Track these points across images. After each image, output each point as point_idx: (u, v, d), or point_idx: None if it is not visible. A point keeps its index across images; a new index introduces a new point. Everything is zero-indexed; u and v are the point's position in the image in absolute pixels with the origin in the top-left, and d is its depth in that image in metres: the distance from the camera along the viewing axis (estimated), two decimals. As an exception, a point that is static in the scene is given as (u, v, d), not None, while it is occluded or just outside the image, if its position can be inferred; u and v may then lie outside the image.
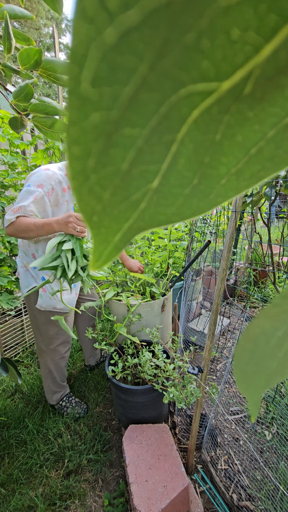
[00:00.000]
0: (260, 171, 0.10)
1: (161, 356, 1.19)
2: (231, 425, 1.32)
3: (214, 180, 0.10)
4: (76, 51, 0.07)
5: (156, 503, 0.87)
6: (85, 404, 1.47)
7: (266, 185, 1.46)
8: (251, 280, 2.52)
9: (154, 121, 0.08)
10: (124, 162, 0.09)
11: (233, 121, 0.09)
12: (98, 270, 0.11)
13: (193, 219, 1.10)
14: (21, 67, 0.64)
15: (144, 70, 0.07)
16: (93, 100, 0.07)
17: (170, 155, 0.09)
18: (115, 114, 0.08)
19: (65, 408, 1.44)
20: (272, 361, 0.14)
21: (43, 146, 2.60)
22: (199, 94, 0.08)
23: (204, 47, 0.07)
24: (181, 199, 0.11)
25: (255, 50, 0.08)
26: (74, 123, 0.08)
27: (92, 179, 0.09)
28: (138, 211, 0.10)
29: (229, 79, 0.08)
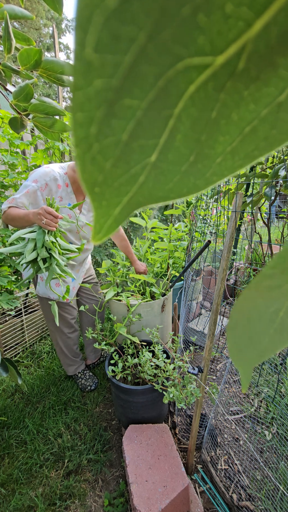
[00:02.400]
0: (254, 151, 0.11)
1: (161, 356, 1.19)
2: (231, 425, 1.32)
3: (210, 159, 0.11)
4: (81, 15, 0.07)
5: (156, 503, 0.86)
6: (96, 379, 1.66)
7: (266, 185, 1.46)
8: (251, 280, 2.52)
9: (153, 94, 0.09)
10: (124, 133, 0.09)
11: (228, 100, 0.09)
12: (99, 242, 0.12)
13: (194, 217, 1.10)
14: (21, 67, 0.64)
15: (142, 40, 0.08)
16: (96, 66, 0.08)
17: (167, 130, 0.10)
18: (116, 82, 0.08)
19: (80, 379, 1.64)
20: (264, 337, 0.14)
21: (43, 146, 2.60)
22: (195, 68, 0.09)
23: (200, 21, 0.08)
24: (178, 175, 0.11)
25: (247, 25, 0.08)
26: (78, 88, 0.08)
27: (95, 147, 0.09)
28: (137, 184, 0.11)
29: (223, 54, 0.09)
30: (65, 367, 1.63)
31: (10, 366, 1.00)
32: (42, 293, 1.38)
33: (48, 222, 0.93)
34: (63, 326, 1.50)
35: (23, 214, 1.04)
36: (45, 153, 2.00)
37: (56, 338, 1.53)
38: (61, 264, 0.91)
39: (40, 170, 1.21)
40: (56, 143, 1.98)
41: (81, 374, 1.65)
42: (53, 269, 0.90)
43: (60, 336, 1.52)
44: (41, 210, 0.94)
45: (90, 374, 1.67)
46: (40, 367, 1.82)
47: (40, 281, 1.36)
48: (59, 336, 1.52)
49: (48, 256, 0.91)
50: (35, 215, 0.96)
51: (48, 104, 0.71)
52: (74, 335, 1.57)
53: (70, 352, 1.58)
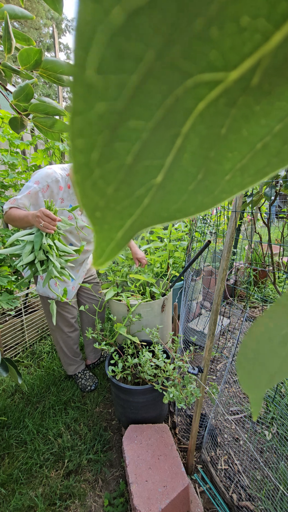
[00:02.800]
0: (266, 167, 0.10)
1: (161, 356, 1.18)
2: (231, 425, 1.32)
3: (218, 176, 0.10)
4: (81, 33, 0.06)
5: (156, 503, 0.86)
6: (96, 379, 1.66)
7: (266, 185, 1.46)
8: (251, 280, 2.52)
9: (160, 114, 0.08)
10: (129, 156, 0.09)
11: (239, 115, 0.09)
12: (101, 267, 0.11)
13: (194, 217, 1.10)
14: (21, 67, 0.64)
15: (151, 58, 0.07)
16: (98, 89, 0.07)
17: (174, 150, 0.09)
18: (121, 105, 0.08)
19: (80, 379, 1.63)
20: (275, 360, 0.14)
21: (43, 146, 2.60)
22: (205, 84, 0.08)
23: (213, 35, 0.07)
24: (185, 195, 0.10)
25: (264, 38, 0.07)
26: (78, 113, 0.07)
27: (96, 173, 0.09)
28: (141, 207, 0.10)
29: (237, 69, 0.08)
30: (65, 367, 1.63)
31: (10, 366, 1.00)
32: (42, 292, 1.39)
33: (46, 225, 0.93)
34: (63, 325, 1.51)
35: (23, 215, 1.04)
36: (45, 153, 2.00)
37: (56, 337, 1.54)
38: (58, 267, 0.91)
39: (42, 172, 1.21)
40: (56, 143, 1.98)
41: (81, 374, 1.65)
42: (50, 271, 0.91)
43: (60, 335, 1.53)
44: (40, 213, 0.94)
45: (90, 374, 1.67)
46: (40, 367, 1.82)
47: (40, 280, 1.37)
48: (59, 335, 1.53)
49: (45, 258, 0.91)
50: (33, 217, 0.96)
51: (48, 104, 0.71)
52: (74, 334, 1.57)
53: (70, 351, 1.59)
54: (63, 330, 1.52)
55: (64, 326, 1.51)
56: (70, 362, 1.61)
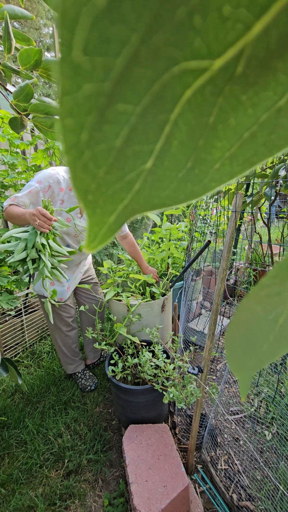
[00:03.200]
0: (253, 156, 0.10)
1: (161, 356, 1.18)
2: (231, 425, 1.32)
3: (208, 165, 0.10)
4: (66, 14, 0.07)
5: (156, 503, 0.86)
6: (96, 379, 1.66)
7: (266, 185, 1.46)
8: (251, 280, 2.52)
9: (147, 99, 0.08)
10: (118, 139, 0.09)
11: (226, 104, 0.09)
12: (93, 251, 0.11)
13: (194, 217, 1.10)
14: (21, 67, 0.64)
15: (135, 42, 0.07)
16: (85, 69, 0.07)
17: (163, 136, 0.09)
18: (108, 87, 0.08)
19: (79, 379, 1.64)
20: (263, 344, 0.14)
21: (43, 146, 2.60)
22: (191, 72, 0.08)
23: (196, 23, 0.07)
24: (175, 182, 0.11)
25: (246, 28, 0.08)
26: (66, 93, 0.08)
27: (86, 154, 0.09)
28: (132, 192, 0.10)
29: (221, 57, 0.08)
30: (64, 366, 1.64)
31: (10, 366, 1.00)
32: (38, 290, 1.40)
33: (41, 223, 0.94)
34: (60, 325, 1.51)
35: (20, 213, 1.05)
36: (45, 153, 2.00)
37: (55, 336, 1.55)
38: (49, 266, 0.91)
39: (45, 172, 1.23)
40: (56, 143, 1.98)
41: (81, 374, 1.65)
42: (41, 270, 0.91)
43: (58, 334, 1.54)
44: (36, 211, 0.95)
45: (90, 374, 1.67)
46: (40, 367, 1.82)
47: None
48: (57, 334, 1.54)
49: (37, 257, 0.91)
50: (30, 215, 0.97)
51: (48, 104, 0.71)
52: (72, 333, 1.58)
53: (69, 350, 1.59)
54: (61, 329, 1.52)
55: (62, 325, 1.52)
56: (68, 361, 1.61)
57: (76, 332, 1.61)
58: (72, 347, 1.60)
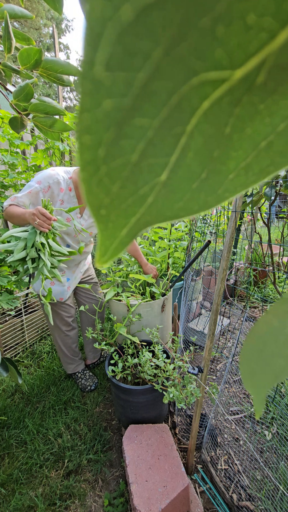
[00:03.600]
0: (269, 166, 0.10)
1: (161, 356, 1.18)
2: (231, 425, 1.32)
3: (222, 175, 0.10)
4: (91, 30, 0.06)
5: (156, 503, 0.86)
6: (96, 379, 1.66)
7: (266, 185, 1.46)
8: (251, 280, 2.52)
9: (165, 112, 0.08)
10: (134, 153, 0.09)
11: (243, 114, 0.09)
12: (103, 265, 0.11)
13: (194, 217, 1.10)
14: (21, 67, 0.64)
15: (158, 55, 0.07)
16: (106, 86, 0.07)
17: (179, 148, 0.09)
18: (128, 102, 0.08)
19: (79, 379, 1.64)
20: (280, 359, 0.13)
21: (43, 146, 2.60)
22: (211, 83, 0.08)
23: (219, 33, 0.07)
24: (188, 193, 0.10)
25: (270, 37, 0.07)
26: (86, 110, 0.07)
27: (102, 170, 0.09)
28: (145, 205, 0.10)
29: (242, 67, 0.08)
30: (64, 365, 1.64)
31: (10, 366, 1.00)
32: (37, 290, 1.40)
33: (41, 223, 0.94)
34: (60, 324, 1.52)
35: (20, 213, 1.06)
36: (45, 153, 2.00)
37: (55, 335, 1.55)
38: (48, 266, 0.92)
39: (45, 172, 1.23)
40: (56, 143, 1.98)
41: (81, 374, 1.65)
42: (40, 270, 0.91)
43: (58, 334, 1.54)
44: (36, 211, 0.95)
45: (90, 374, 1.67)
46: (40, 367, 1.82)
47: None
48: (57, 334, 1.54)
49: (37, 256, 0.91)
50: (30, 215, 0.97)
51: (48, 103, 0.71)
52: (72, 333, 1.58)
53: (69, 350, 1.59)
54: (60, 329, 1.53)
55: (62, 325, 1.52)
56: (68, 361, 1.61)
57: (76, 332, 1.61)
58: (72, 347, 1.60)
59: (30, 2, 12.60)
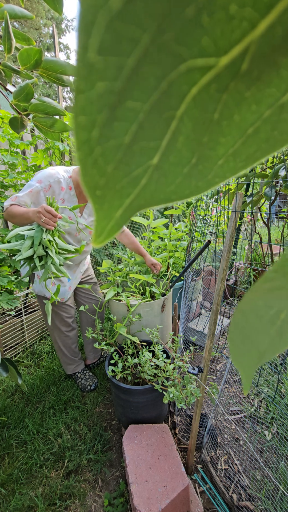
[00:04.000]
0: (256, 152, 0.11)
1: (161, 356, 1.18)
2: (231, 425, 1.32)
3: (212, 161, 0.11)
4: (84, 17, 0.07)
5: (156, 503, 0.86)
6: (96, 379, 1.66)
7: (266, 185, 1.46)
8: (251, 280, 2.52)
9: (155, 96, 0.09)
10: (127, 135, 0.09)
11: (230, 100, 0.09)
12: (100, 245, 0.12)
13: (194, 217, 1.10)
14: (21, 67, 0.64)
15: (146, 42, 0.08)
16: (98, 69, 0.08)
17: (169, 132, 0.10)
18: (119, 85, 0.08)
19: (79, 379, 1.64)
20: (264, 338, 0.14)
21: (43, 146, 2.60)
22: (198, 69, 0.09)
23: (204, 22, 0.08)
24: (180, 178, 0.11)
25: (251, 26, 0.08)
26: (81, 91, 0.08)
27: (97, 151, 0.09)
28: (139, 187, 0.11)
29: (227, 55, 0.08)
30: (64, 366, 1.63)
31: (10, 366, 1.00)
32: (38, 291, 1.39)
33: (47, 220, 0.94)
34: (60, 325, 1.51)
35: (22, 212, 1.05)
36: (45, 153, 2.00)
37: (55, 336, 1.54)
38: (57, 263, 0.91)
39: (45, 171, 1.23)
40: (56, 143, 1.98)
41: (81, 374, 1.65)
42: (48, 267, 0.91)
43: (58, 335, 1.54)
44: (41, 209, 0.95)
45: (90, 374, 1.67)
46: (40, 367, 1.82)
47: (37, 279, 1.37)
48: (57, 335, 1.54)
49: (44, 254, 0.91)
50: (34, 213, 0.97)
51: (48, 104, 0.71)
52: (72, 333, 1.58)
53: (69, 351, 1.59)
54: (60, 329, 1.52)
55: (62, 325, 1.52)
56: (68, 361, 1.61)
57: (75, 332, 1.61)
58: (72, 347, 1.60)
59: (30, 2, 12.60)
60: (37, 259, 0.89)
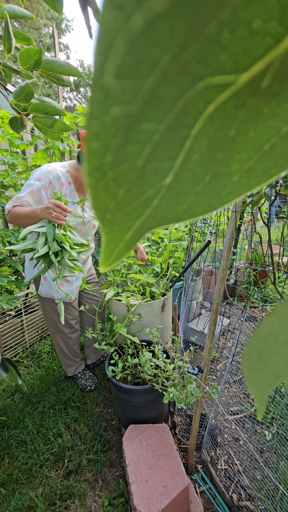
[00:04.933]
0: (272, 168, 0.10)
1: (161, 356, 1.18)
2: (231, 425, 1.32)
3: (226, 177, 0.10)
4: (103, 40, 0.07)
5: (156, 503, 0.86)
6: (96, 379, 1.66)
7: (266, 185, 1.46)
8: (251, 280, 2.52)
9: (171, 116, 0.08)
10: (140, 158, 0.09)
11: (247, 117, 0.09)
12: (107, 268, 0.11)
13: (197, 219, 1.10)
14: (21, 67, 0.64)
15: (166, 62, 0.07)
16: (115, 93, 0.07)
17: (184, 151, 0.09)
18: (135, 108, 0.08)
19: (79, 380, 1.63)
20: (280, 359, 0.14)
21: (43, 146, 2.60)
22: (216, 87, 0.08)
23: (224, 39, 0.07)
24: (192, 196, 0.11)
25: (275, 41, 0.08)
26: (95, 117, 0.08)
27: (109, 175, 0.09)
28: (150, 208, 0.10)
29: (247, 72, 0.08)
30: (65, 368, 1.63)
31: (10, 366, 1.00)
32: (46, 293, 1.37)
33: (58, 215, 0.92)
34: (63, 327, 1.50)
35: (29, 211, 1.03)
36: (45, 153, 2.00)
37: (57, 338, 1.53)
38: (74, 256, 0.90)
39: (42, 169, 1.21)
40: (56, 143, 1.98)
41: (81, 374, 1.65)
42: (64, 262, 0.90)
43: (61, 337, 1.52)
44: (50, 204, 0.94)
45: (90, 374, 1.67)
46: (40, 367, 1.82)
47: (43, 282, 1.36)
48: (59, 337, 1.52)
49: (59, 249, 0.90)
50: (43, 210, 0.95)
51: (48, 104, 0.71)
52: (74, 335, 1.57)
53: (71, 352, 1.58)
54: (63, 331, 1.51)
55: (65, 327, 1.51)
56: (70, 363, 1.61)
57: (78, 333, 1.60)
58: (73, 349, 1.59)
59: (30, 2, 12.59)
60: (53, 256, 0.87)
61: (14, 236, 1.67)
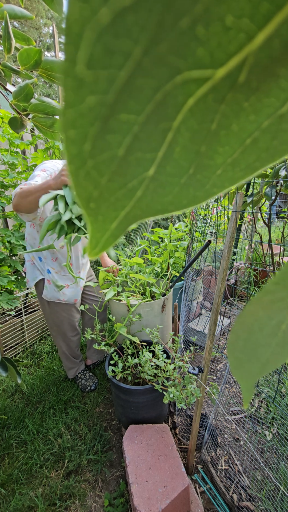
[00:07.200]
0: (255, 162, 0.11)
1: (161, 356, 1.18)
2: (231, 425, 1.32)
3: (210, 170, 0.11)
4: (70, 30, 0.07)
5: (156, 503, 0.86)
6: (96, 379, 1.66)
7: (266, 185, 1.46)
8: (251, 280, 2.52)
9: (150, 108, 0.09)
10: (121, 148, 0.09)
11: (228, 111, 0.09)
12: (95, 257, 0.11)
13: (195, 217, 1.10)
14: (21, 67, 0.64)
15: (138, 54, 0.07)
16: (88, 83, 0.07)
17: (166, 143, 0.10)
18: (111, 98, 0.08)
19: (80, 380, 1.64)
20: (266, 350, 0.14)
21: (43, 146, 2.60)
22: (194, 81, 0.08)
23: (199, 33, 0.08)
24: (177, 188, 0.11)
25: (248, 38, 0.08)
26: (70, 105, 0.08)
27: (89, 163, 0.09)
28: (134, 199, 0.11)
29: (224, 67, 0.08)
30: (66, 370, 1.63)
31: (9, 366, 1.00)
32: (51, 296, 1.37)
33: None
34: (66, 330, 1.51)
35: (40, 184, 1.01)
36: (45, 153, 2.00)
37: (59, 341, 1.53)
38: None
39: (45, 163, 1.26)
40: (56, 142, 1.98)
41: (81, 375, 1.65)
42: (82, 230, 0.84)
43: (63, 339, 1.53)
44: (64, 171, 0.93)
45: (90, 374, 1.67)
46: (40, 367, 1.82)
47: (48, 285, 1.36)
48: (62, 339, 1.53)
49: (81, 213, 0.86)
50: (57, 177, 0.94)
51: (48, 104, 0.71)
52: (76, 338, 1.58)
53: (72, 353, 1.59)
54: (66, 334, 1.51)
55: (68, 330, 1.51)
56: (71, 365, 1.62)
57: (79, 336, 1.61)
58: (75, 350, 1.60)
59: (30, 1, 12.60)
60: (76, 220, 0.82)
61: (14, 236, 1.67)
